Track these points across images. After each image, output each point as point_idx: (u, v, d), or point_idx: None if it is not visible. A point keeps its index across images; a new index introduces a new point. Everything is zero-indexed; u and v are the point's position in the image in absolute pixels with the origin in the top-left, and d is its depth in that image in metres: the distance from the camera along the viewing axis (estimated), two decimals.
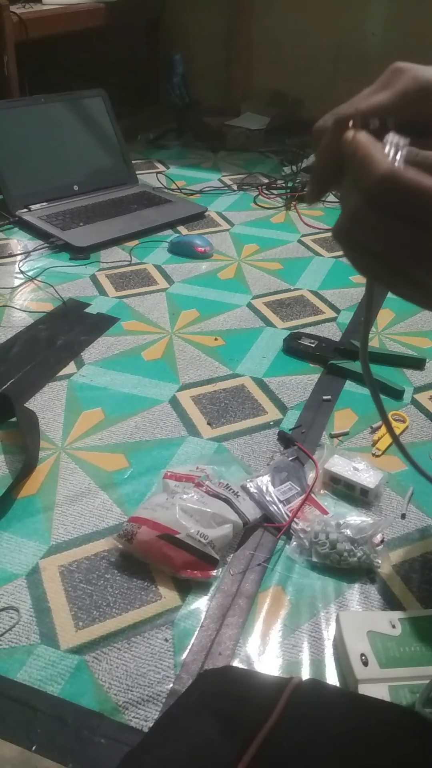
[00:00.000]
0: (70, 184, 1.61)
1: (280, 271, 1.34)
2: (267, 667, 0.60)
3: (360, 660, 0.57)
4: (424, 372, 1.02)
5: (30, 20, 1.66)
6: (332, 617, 0.64)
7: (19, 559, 0.70)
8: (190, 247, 1.39)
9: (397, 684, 0.55)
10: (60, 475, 0.81)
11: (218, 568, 0.68)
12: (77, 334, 1.10)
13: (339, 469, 0.78)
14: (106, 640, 0.62)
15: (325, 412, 0.92)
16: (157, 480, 0.79)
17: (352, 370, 0.99)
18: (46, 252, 1.38)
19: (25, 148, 1.53)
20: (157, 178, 1.82)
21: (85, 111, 1.65)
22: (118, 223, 1.48)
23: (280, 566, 0.70)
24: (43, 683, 0.58)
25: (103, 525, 0.74)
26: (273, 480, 0.78)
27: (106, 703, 0.57)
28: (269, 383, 0.99)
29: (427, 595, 0.67)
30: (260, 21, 2.22)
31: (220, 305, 1.20)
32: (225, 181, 1.83)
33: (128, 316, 1.16)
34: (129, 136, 1.94)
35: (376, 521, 0.71)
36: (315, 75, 2.18)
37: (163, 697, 0.57)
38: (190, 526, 0.68)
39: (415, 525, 0.75)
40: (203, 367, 1.02)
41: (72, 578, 0.68)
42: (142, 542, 0.68)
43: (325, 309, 1.20)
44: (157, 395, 0.96)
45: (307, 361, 1.04)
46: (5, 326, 1.12)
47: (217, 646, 0.62)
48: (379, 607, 0.65)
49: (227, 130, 2.11)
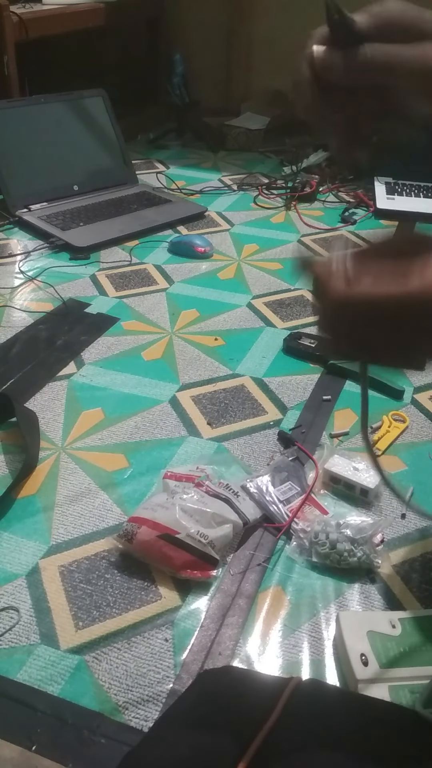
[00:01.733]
0: (70, 184, 1.61)
1: (280, 271, 1.34)
2: (267, 667, 0.60)
3: (360, 660, 0.57)
4: (424, 372, 1.01)
5: (30, 20, 1.66)
6: (332, 617, 0.64)
7: (19, 559, 0.70)
8: (190, 247, 1.39)
9: (397, 684, 0.55)
10: (60, 475, 0.81)
11: (218, 568, 0.68)
12: (77, 334, 1.10)
13: (339, 469, 0.78)
14: (106, 640, 0.62)
15: (325, 412, 0.92)
16: (157, 480, 0.79)
17: (352, 370, 0.99)
18: (46, 252, 1.38)
19: (25, 148, 1.53)
20: (157, 178, 1.82)
21: (85, 111, 1.65)
22: (118, 223, 1.48)
23: (280, 566, 0.70)
24: (43, 683, 0.58)
25: (103, 525, 0.74)
26: (273, 480, 0.78)
27: (106, 703, 0.57)
28: (269, 383, 0.99)
29: (427, 595, 0.67)
30: (260, 21, 2.22)
31: (220, 305, 1.20)
32: (225, 181, 1.83)
33: (128, 316, 1.16)
34: (129, 136, 1.94)
35: (376, 521, 0.71)
36: None
37: (163, 697, 0.57)
38: (190, 526, 0.68)
39: (415, 525, 0.75)
40: (203, 367, 1.02)
41: (72, 578, 0.68)
42: (142, 542, 0.68)
43: None
44: (157, 395, 0.96)
45: (307, 361, 1.04)
46: (5, 326, 1.12)
47: (217, 646, 0.62)
48: (379, 607, 0.66)
49: (227, 130, 2.11)
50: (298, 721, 0.49)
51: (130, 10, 2.11)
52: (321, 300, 0.39)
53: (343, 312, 0.38)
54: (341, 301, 0.38)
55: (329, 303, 0.38)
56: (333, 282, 0.38)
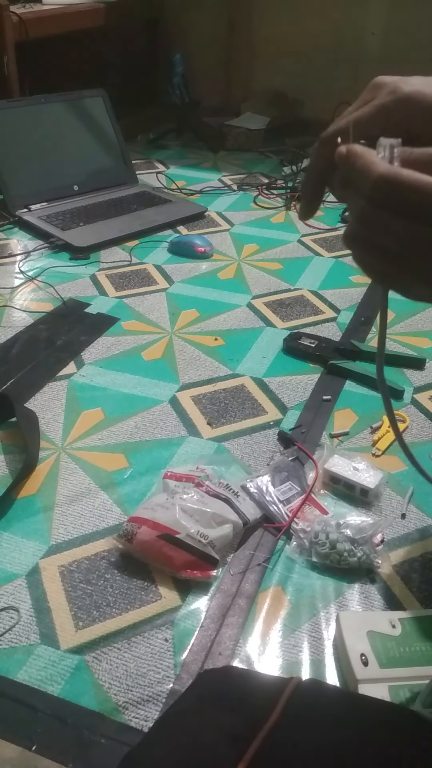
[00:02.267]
0: (70, 184, 1.61)
1: (280, 271, 1.34)
2: (267, 667, 0.60)
3: (360, 660, 0.57)
4: (424, 372, 1.02)
5: (30, 20, 1.66)
6: (332, 617, 0.64)
7: (19, 559, 0.70)
8: (190, 247, 1.39)
9: (397, 684, 0.55)
10: (60, 475, 0.81)
11: (218, 568, 0.68)
12: (77, 334, 1.10)
13: (339, 469, 0.78)
14: (106, 640, 0.62)
15: (325, 412, 0.92)
16: (157, 480, 0.79)
17: (352, 370, 0.99)
18: (46, 252, 1.38)
19: (25, 148, 1.53)
20: (157, 178, 1.82)
21: (85, 111, 1.65)
22: (118, 223, 1.48)
23: (280, 566, 0.70)
24: (43, 683, 0.58)
25: (103, 525, 0.74)
26: (273, 480, 0.78)
27: (106, 703, 0.57)
28: (269, 383, 0.99)
29: (427, 595, 0.67)
30: (260, 21, 2.22)
31: (220, 305, 1.20)
32: (225, 181, 1.83)
33: (128, 316, 1.16)
34: (129, 136, 1.94)
35: (376, 521, 0.71)
36: (315, 75, 2.18)
37: (163, 697, 0.57)
38: (190, 526, 0.68)
39: (415, 525, 0.75)
40: (203, 367, 1.02)
41: (72, 578, 0.68)
42: (142, 542, 0.68)
43: (325, 309, 1.20)
44: (157, 395, 0.96)
45: (307, 361, 1.04)
46: (5, 326, 1.12)
47: (217, 646, 0.62)
48: (379, 607, 0.66)
49: (227, 130, 2.11)
50: (298, 721, 0.49)
51: (130, 10, 2.11)
52: (361, 178, 0.34)
53: (388, 192, 0.33)
54: (388, 176, 0.33)
55: (373, 179, 0.33)
56: (376, 158, 0.34)
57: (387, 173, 0.33)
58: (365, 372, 0.98)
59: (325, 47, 2.15)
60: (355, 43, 2.12)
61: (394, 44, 2.05)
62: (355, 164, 0.35)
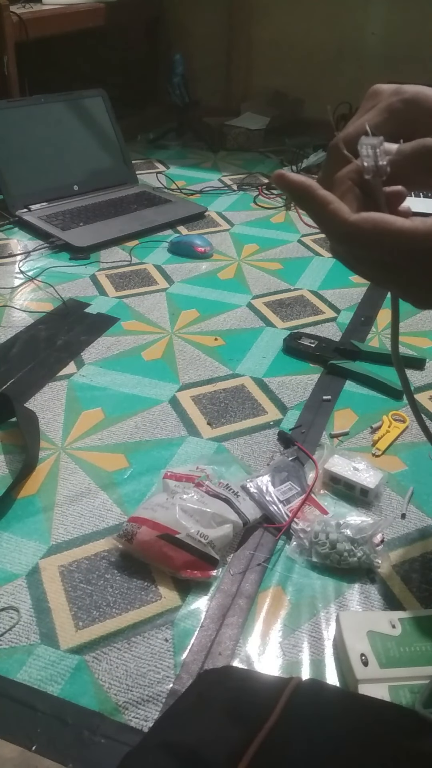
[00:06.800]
0: (70, 184, 1.61)
1: (280, 271, 1.34)
2: (267, 667, 0.60)
3: (360, 660, 0.57)
4: (424, 372, 1.02)
5: (30, 20, 1.66)
6: (332, 617, 0.64)
7: (19, 559, 0.70)
8: (190, 247, 1.39)
9: (397, 684, 0.55)
10: (60, 475, 0.81)
11: (218, 568, 0.68)
12: (77, 334, 1.10)
13: (339, 469, 0.78)
14: (106, 640, 0.62)
15: (325, 412, 0.92)
16: (157, 480, 0.79)
17: (352, 370, 0.99)
18: (46, 252, 1.38)
19: (25, 148, 1.53)
20: (157, 178, 1.82)
21: (85, 111, 1.65)
22: (118, 223, 1.48)
23: (280, 566, 0.70)
24: (43, 683, 0.58)
25: (103, 525, 0.74)
26: (273, 480, 0.78)
27: (106, 703, 0.57)
28: (269, 383, 0.99)
29: (427, 595, 0.67)
30: (260, 21, 2.22)
31: (220, 305, 1.20)
32: (225, 181, 1.83)
33: (128, 316, 1.16)
34: (129, 136, 1.94)
35: (376, 521, 0.71)
36: (315, 75, 2.18)
37: (163, 697, 0.57)
38: (190, 526, 0.68)
39: (415, 525, 0.75)
40: (203, 367, 1.02)
41: (72, 578, 0.68)
42: (142, 542, 0.68)
43: (325, 309, 1.20)
44: (157, 395, 0.96)
45: (307, 361, 1.04)
46: (5, 326, 1.12)
47: (217, 646, 0.62)
48: (379, 607, 0.66)
49: (227, 130, 2.11)
50: (298, 721, 0.49)
51: (130, 10, 2.11)
52: (330, 225, 0.36)
53: (353, 240, 0.35)
54: (353, 228, 0.35)
55: (339, 229, 0.35)
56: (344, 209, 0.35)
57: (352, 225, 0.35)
58: (365, 372, 0.98)
59: (326, 47, 2.16)
60: (355, 43, 2.12)
61: (394, 44, 2.05)
62: (325, 212, 0.36)
